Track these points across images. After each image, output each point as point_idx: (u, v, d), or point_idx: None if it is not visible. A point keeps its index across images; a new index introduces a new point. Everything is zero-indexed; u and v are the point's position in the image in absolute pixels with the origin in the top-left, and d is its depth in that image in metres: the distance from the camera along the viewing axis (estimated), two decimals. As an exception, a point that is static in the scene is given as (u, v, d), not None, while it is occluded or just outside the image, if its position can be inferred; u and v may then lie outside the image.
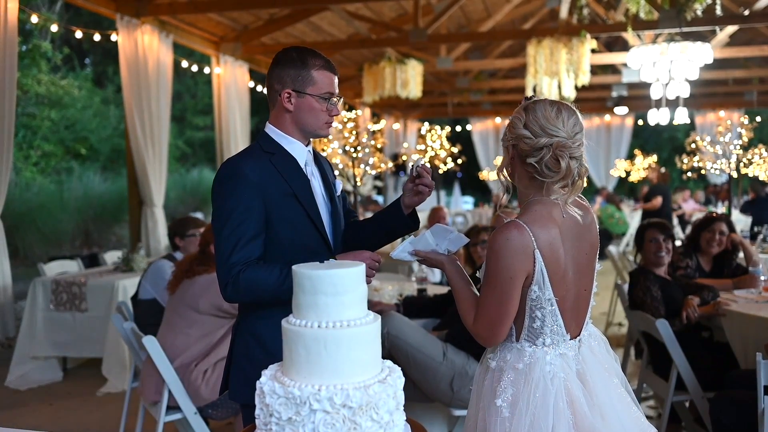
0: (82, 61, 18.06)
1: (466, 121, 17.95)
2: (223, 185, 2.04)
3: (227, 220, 2.00)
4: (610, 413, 1.88)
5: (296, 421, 1.30)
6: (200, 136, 19.54)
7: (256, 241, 2.02)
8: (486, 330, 1.92)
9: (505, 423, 1.85)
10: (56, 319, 5.32)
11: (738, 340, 3.61)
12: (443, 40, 9.69)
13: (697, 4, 7.31)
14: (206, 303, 3.40)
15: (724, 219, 4.49)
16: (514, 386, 1.89)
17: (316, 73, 2.09)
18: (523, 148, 1.92)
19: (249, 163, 2.05)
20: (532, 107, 1.93)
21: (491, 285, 1.88)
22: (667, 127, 16.96)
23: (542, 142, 1.88)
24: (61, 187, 14.37)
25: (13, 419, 4.47)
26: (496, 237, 1.88)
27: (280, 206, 2.05)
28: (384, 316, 3.37)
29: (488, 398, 1.93)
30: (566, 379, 1.89)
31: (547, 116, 1.89)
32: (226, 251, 1.99)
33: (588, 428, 1.83)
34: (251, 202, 2.01)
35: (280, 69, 2.11)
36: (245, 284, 1.97)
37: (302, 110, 2.10)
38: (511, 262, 1.84)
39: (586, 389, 1.90)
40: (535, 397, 1.86)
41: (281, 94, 2.10)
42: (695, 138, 8.03)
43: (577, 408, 1.86)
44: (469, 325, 1.97)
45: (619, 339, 6.38)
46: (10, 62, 5.58)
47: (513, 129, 1.95)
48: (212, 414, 3.44)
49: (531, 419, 1.84)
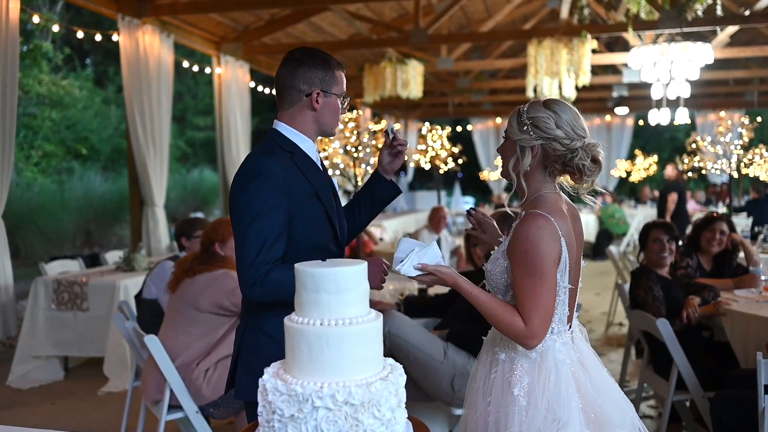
0: (83, 62, 18.08)
1: (467, 122, 17.96)
2: (249, 183, 2.00)
3: (254, 220, 1.97)
4: (606, 394, 1.96)
5: (299, 418, 1.30)
6: (201, 136, 19.57)
7: (281, 240, 2.00)
8: (543, 325, 1.88)
9: (522, 412, 1.88)
10: (57, 318, 5.33)
11: (738, 340, 3.62)
12: (444, 40, 9.70)
13: (698, 4, 7.32)
14: (207, 301, 3.41)
15: (724, 219, 4.49)
16: (529, 375, 1.92)
17: (337, 73, 2.15)
18: (556, 148, 1.95)
19: (275, 162, 2.03)
20: (554, 107, 1.96)
21: (537, 275, 1.86)
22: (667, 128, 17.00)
23: (576, 144, 1.94)
24: (62, 187, 14.40)
25: (14, 418, 4.47)
26: (528, 228, 1.88)
27: (303, 206, 2.05)
28: (385, 315, 3.38)
29: (501, 389, 1.94)
30: (572, 366, 1.94)
31: (573, 117, 1.96)
32: (252, 251, 1.96)
33: (595, 410, 1.90)
34: (278, 201, 1.99)
35: (305, 69, 2.11)
36: (273, 285, 1.95)
37: (327, 109, 2.14)
38: (549, 249, 1.87)
39: (588, 374, 1.96)
40: (549, 384, 1.90)
41: (311, 94, 2.10)
42: (696, 138, 8.06)
43: (583, 393, 1.91)
44: (518, 330, 1.87)
45: (619, 339, 6.39)
46: (11, 62, 5.59)
47: (544, 128, 1.94)
48: (213, 413, 3.44)
49: (546, 406, 1.87)
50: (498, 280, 2.00)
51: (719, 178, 14.01)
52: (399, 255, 1.92)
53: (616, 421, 1.92)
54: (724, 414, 3.09)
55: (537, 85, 8.70)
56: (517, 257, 1.90)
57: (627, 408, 1.98)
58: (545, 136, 1.94)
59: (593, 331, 6.78)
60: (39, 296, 5.37)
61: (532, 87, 8.74)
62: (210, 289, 3.40)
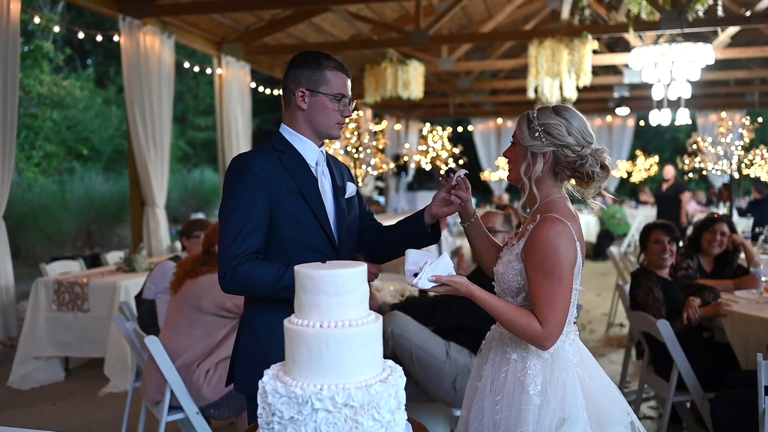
0: (83, 62, 18.08)
1: (468, 122, 17.95)
2: (230, 179, 2.10)
3: (231, 213, 2.05)
4: (605, 392, 2.00)
5: (298, 420, 1.30)
6: (202, 137, 19.57)
7: (256, 234, 2.05)
8: (559, 327, 1.92)
9: (535, 411, 1.90)
10: (58, 319, 5.33)
11: (739, 341, 3.62)
12: (445, 40, 9.70)
13: (699, 4, 7.31)
14: (209, 302, 3.41)
15: (725, 220, 4.49)
16: (542, 374, 1.95)
17: (329, 73, 2.14)
18: (567, 155, 1.98)
19: (256, 159, 2.10)
20: (564, 114, 1.99)
21: (556, 279, 1.89)
22: (668, 128, 17.00)
23: (586, 151, 1.98)
24: (63, 188, 14.41)
25: (15, 419, 4.48)
26: (547, 232, 1.91)
27: (286, 203, 2.08)
28: (388, 315, 3.38)
29: (513, 388, 1.96)
30: (577, 365, 1.98)
31: (582, 124, 2.00)
32: (227, 242, 2.04)
33: (597, 408, 1.93)
34: (255, 197, 2.05)
35: (295, 70, 2.16)
36: (242, 277, 2.01)
37: (315, 109, 2.15)
38: (568, 253, 1.91)
39: (589, 373, 1.99)
40: (560, 384, 1.93)
41: (295, 93, 2.15)
42: (697, 139, 8.04)
43: (586, 391, 1.95)
44: (535, 333, 1.89)
45: (620, 339, 6.39)
46: (12, 63, 5.59)
47: (556, 135, 1.97)
48: (214, 414, 3.44)
49: (555, 405, 1.90)
50: (510, 283, 2.02)
51: (720, 178, 14.01)
52: (411, 268, 1.94)
53: (616, 418, 1.96)
54: (724, 415, 3.09)
55: (538, 85, 8.68)
56: (536, 261, 1.92)
57: (623, 403, 2.02)
58: (557, 143, 1.97)
59: (594, 332, 6.78)
60: (40, 297, 5.37)
61: (533, 87, 8.73)
62: (212, 291, 3.40)
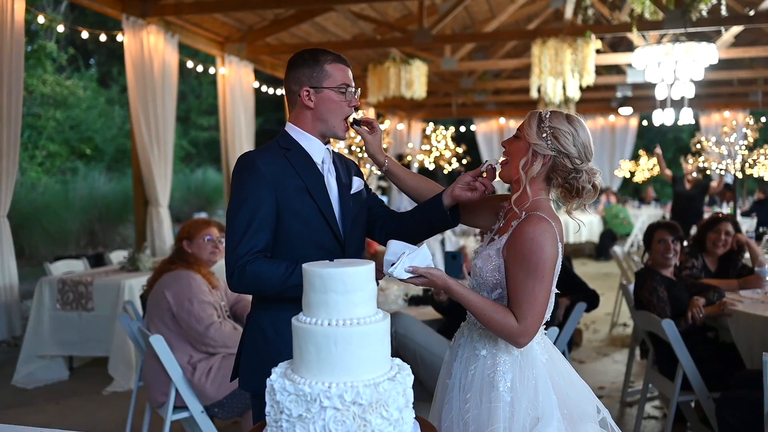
0: (87, 62, 18.09)
1: (471, 122, 17.93)
2: (236, 177, 2.10)
3: (238, 211, 2.05)
4: (575, 388, 2.01)
5: (307, 418, 1.31)
6: (205, 137, 19.59)
7: (263, 232, 2.05)
8: (536, 325, 1.92)
9: (506, 408, 1.90)
10: (62, 318, 5.34)
11: (744, 341, 3.61)
12: (448, 40, 9.69)
13: (702, 4, 7.29)
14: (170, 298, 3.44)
15: (729, 219, 4.49)
16: (512, 371, 1.95)
17: (329, 67, 2.15)
18: (565, 164, 1.99)
19: (263, 157, 2.10)
20: (575, 124, 1.99)
21: (539, 277, 1.90)
22: (671, 128, 16.96)
23: (584, 166, 1.99)
24: (66, 187, 14.42)
25: (19, 418, 4.49)
26: (533, 230, 1.91)
27: (293, 200, 2.08)
28: (392, 315, 3.38)
29: (481, 385, 1.96)
30: (546, 363, 1.99)
31: (587, 139, 2.00)
32: (234, 241, 2.04)
33: (568, 405, 1.94)
34: (261, 194, 2.05)
35: (295, 70, 2.17)
36: (251, 277, 2.01)
37: (323, 105, 2.15)
38: (552, 252, 1.91)
39: (558, 370, 2.01)
40: (530, 380, 1.94)
41: (300, 93, 2.15)
42: (700, 138, 8.04)
43: (557, 390, 1.95)
44: (511, 329, 1.89)
45: (624, 339, 6.38)
46: (17, 63, 5.59)
47: (562, 142, 1.97)
48: (218, 413, 3.45)
49: (527, 403, 1.90)
50: (487, 277, 2.01)
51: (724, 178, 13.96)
52: (389, 258, 1.89)
53: (588, 414, 1.97)
54: (729, 415, 3.08)
55: (541, 85, 8.67)
56: (519, 257, 1.92)
57: (594, 400, 2.03)
58: (560, 150, 1.98)
59: (597, 332, 6.77)
60: (44, 296, 5.38)
61: (536, 87, 8.71)
62: (171, 287, 3.44)
